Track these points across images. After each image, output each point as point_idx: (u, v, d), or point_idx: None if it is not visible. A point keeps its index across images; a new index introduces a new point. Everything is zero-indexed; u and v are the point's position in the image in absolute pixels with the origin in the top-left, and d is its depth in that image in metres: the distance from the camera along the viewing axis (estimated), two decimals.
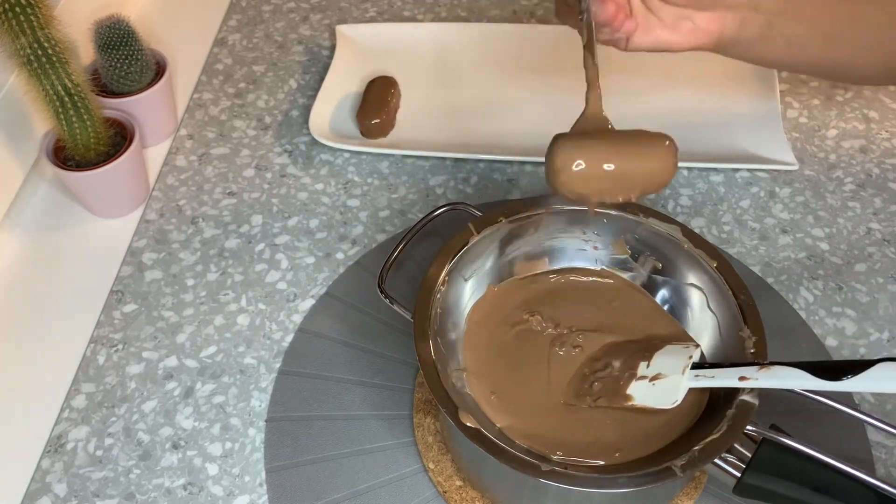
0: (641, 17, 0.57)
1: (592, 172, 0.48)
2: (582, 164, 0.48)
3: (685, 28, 0.58)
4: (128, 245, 0.71)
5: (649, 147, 0.49)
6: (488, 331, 0.57)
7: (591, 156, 0.48)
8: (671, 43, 0.58)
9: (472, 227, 0.57)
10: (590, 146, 0.49)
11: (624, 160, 0.49)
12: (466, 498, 0.55)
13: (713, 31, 0.58)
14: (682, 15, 0.57)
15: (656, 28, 0.58)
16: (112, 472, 0.58)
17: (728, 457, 0.47)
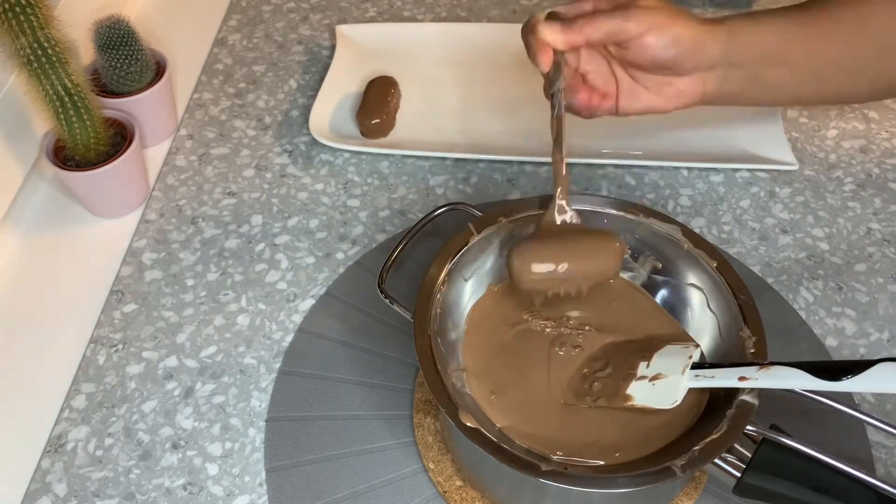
0: (627, 86, 0.60)
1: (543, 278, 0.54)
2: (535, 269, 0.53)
3: (669, 92, 0.60)
4: (128, 245, 0.71)
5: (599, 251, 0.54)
6: (488, 331, 0.57)
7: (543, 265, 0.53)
8: (658, 106, 0.61)
9: (472, 227, 0.57)
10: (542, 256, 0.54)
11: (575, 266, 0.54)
12: (466, 498, 0.55)
13: (696, 92, 0.60)
14: (665, 81, 0.60)
15: (642, 95, 0.60)
16: (112, 472, 0.58)
17: (728, 457, 0.47)
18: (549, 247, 0.54)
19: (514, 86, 0.83)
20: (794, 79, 0.61)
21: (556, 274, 0.53)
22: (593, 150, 0.77)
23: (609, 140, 0.78)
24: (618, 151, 0.77)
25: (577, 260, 0.54)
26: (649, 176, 0.76)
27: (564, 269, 0.53)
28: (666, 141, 0.78)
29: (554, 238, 0.55)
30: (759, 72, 0.60)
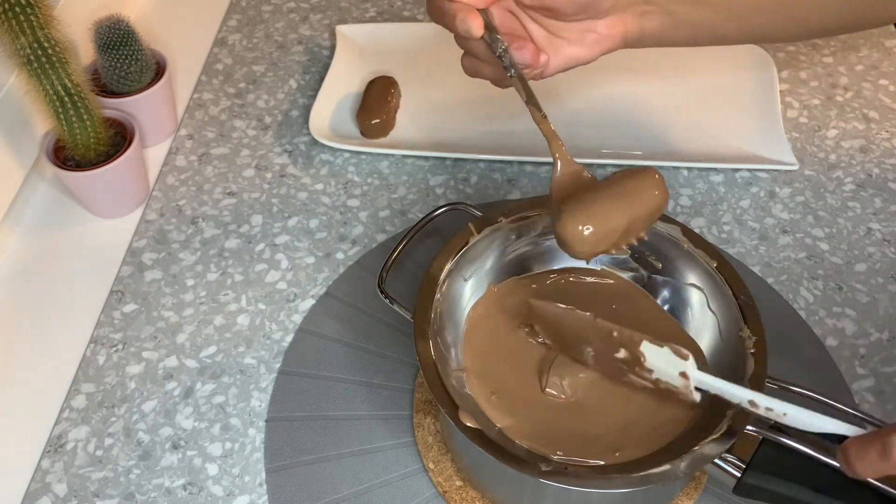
0: (547, 42, 0.57)
1: (604, 233, 0.49)
2: (591, 228, 0.49)
3: (590, 39, 0.58)
4: (128, 245, 0.71)
5: (643, 187, 0.50)
6: (488, 331, 0.57)
7: (599, 220, 0.49)
8: (581, 56, 0.58)
9: (472, 227, 0.57)
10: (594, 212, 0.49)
11: (627, 210, 0.50)
12: (466, 498, 0.55)
13: (616, 34, 0.58)
14: (584, 28, 0.57)
15: (564, 48, 0.58)
16: (112, 472, 0.58)
17: (728, 457, 0.47)
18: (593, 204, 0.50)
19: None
20: (714, 18, 0.59)
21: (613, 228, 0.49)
22: (593, 150, 0.77)
23: (609, 140, 0.78)
24: (618, 151, 0.77)
25: (627, 205, 0.50)
26: None
27: (621, 219, 0.49)
28: (666, 141, 0.78)
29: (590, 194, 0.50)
30: (677, 10, 0.58)
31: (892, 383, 0.62)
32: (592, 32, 0.57)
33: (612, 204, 0.50)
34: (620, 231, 0.50)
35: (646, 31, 0.59)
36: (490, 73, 0.56)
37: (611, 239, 0.50)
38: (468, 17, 0.52)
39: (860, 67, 0.87)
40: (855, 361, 0.63)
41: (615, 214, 0.49)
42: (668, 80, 0.83)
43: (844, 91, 0.84)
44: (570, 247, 0.49)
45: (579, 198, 0.50)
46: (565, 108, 0.81)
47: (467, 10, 0.52)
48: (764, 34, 0.65)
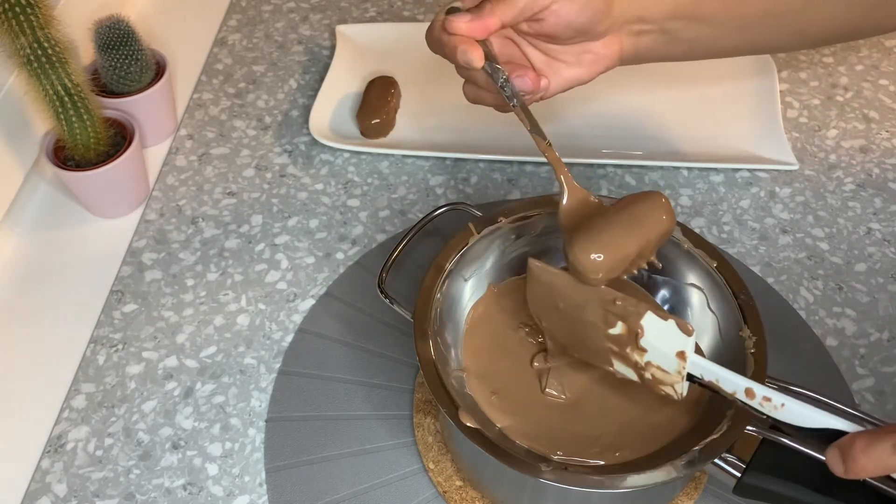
0: (546, 66, 0.58)
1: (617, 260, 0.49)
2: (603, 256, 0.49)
3: (588, 60, 0.59)
4: (128, 245, 0.71)
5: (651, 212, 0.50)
6: (488, 331, 0.57)
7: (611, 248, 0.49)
8: (580, 77, 0.59)
9: (472, 227, 0.57)
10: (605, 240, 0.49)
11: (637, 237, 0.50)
12: (466, 498, 0.55)
13: (613, 53, 0.59)
14: (581, 49, 0.58)
15: (563, 70, 0.59)
16: (112, 472, 0.58)
17: (728, 457, 0.47)
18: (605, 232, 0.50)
19: None
20: (711, 34, 0.60)
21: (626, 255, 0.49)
22: (593, 150, 0.77)
23: (609, 140, 0.78)
24: (618, 151, 0.77)
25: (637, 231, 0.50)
26: (649, 176, 0.76)
27: (632, 246, 0.49)
28: (666, 141, 0.78)
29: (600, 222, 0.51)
30: (672, 27, 0.59)
31: (892, 383, 0.62)
32: (589, 53, 0.58)
33: (622, 231, 0.50)
34: (632, 257, 0.50)
35: (641, 48, 0.60)
36: (492, 100, 0.57)
37: (622, 265, 0.50)
38: (468, 49, 0.53)
39: (860, 67, 0.87)
40: (855, 361, 0.63)
41: (626, 241, 0.49)
42: (669, 80, 0.83)
43: (844, 91, 0.84)
44: (583, 275, 0.49)
45: (589, 226, 0.50)
46: (565, 108, 0.81)
47: (467, 42, 0.53)
48: (760, 46, 0.65)
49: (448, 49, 0.54)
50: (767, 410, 0.45)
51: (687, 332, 0.46)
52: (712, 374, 0.46)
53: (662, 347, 0.47)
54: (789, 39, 0.64)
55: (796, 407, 0.44)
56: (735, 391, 0.46)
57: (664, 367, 0.48)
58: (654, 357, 0.48)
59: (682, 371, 0.47)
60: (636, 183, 0.75)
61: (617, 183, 0.76)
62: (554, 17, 0.55)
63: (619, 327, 0.48)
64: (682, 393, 0.48)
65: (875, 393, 0.61)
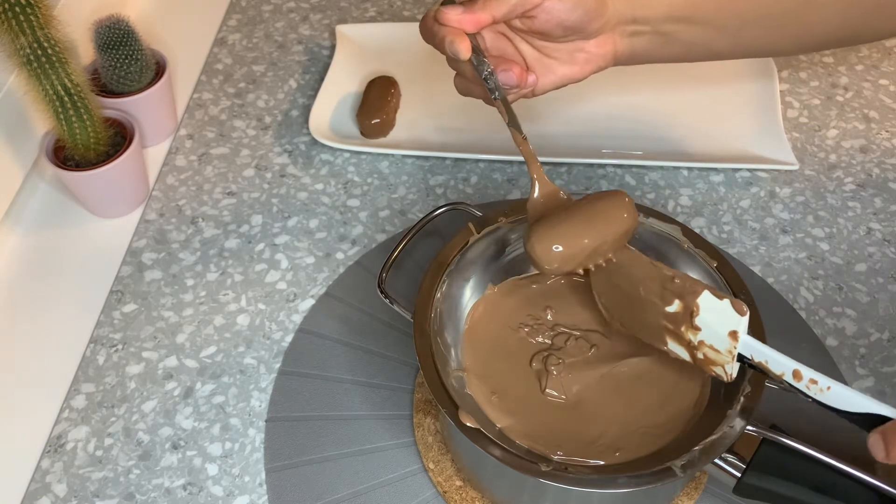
0: (538, 62, 0.59)
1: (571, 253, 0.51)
2: (559, 247, 0.51)
3: (581, 58, 0.59)
4: (128, 245, 0.71)
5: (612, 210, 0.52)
6: (488, 331, 0.57)
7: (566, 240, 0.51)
8: (573, 75, 0.60)
9: (472, 227, 0.57)
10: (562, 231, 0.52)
11: (595, 232, 0.52)
12: (466, 498, 0.55)
13: (607, 53, 0.59)
14: (575, 48, 0.58)
15: (555, 67, 0.59)
16: (112, 472, 0.58)
17: (728, 457, 0.47)
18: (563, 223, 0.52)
19: None
20: (707, 36, 0.60)
21: (582, 248, 0.51)
22: (593, 150, 0.77)
23: (609, 140, 0.78)
24: (618, 151, 0.77)
25: (596, 227, 0.52)
26: (649, 176, 0.76)
27: (588, 241, 0.51)
28: (666, 141, 0.78)
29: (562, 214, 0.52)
30: (668, 29, 0.59)
31: (892, 383, 0.62)
32: (582, 52, 0.59)
33: (580, 225, 0.52)
34: (588, 251, 0.52)
35: (637, 50, 0.60)
36: (480, 92, 0.58)
37: (577, 259, 0.52)
38: (456, 40, 0.53)
39: (860, 67, 0.87)
40: (855, 361, 0.63)
41: (582, 235, 0.51)
42: (669, 80, 0.83)
43: (844, 91, 0.84)
44: (537, 263, 0.52)
45: (549, 218, 0.52)
46: (565, 108, 0.81)
47: (455, 33, 0.54)
48: (757, 50, 0.65)
49: (437, 39, 0.55)
50: (813, 393, 0.45)
51: (741, 311, 0.46)
52: (762, 356, 0.47)
53: (716, 326, 0.47)
54: (786, 43, 0.64)
55: (842, 390, 0.44)
56: (783, 372, 0.46)
57: (717, 346, 0.48)
58: (707, 336, 0.48)
59: (734, 351, 0.47)
60: (636, 183, 0.75)
61: (617, 183, 0.76)
62: (545, 14, 0.55)
63: (676, 305, 0.49)
64: (731, 374, 0.49)
65: (875, 393, 0.61)
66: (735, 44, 0.62)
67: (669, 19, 0.59)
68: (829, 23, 0.62)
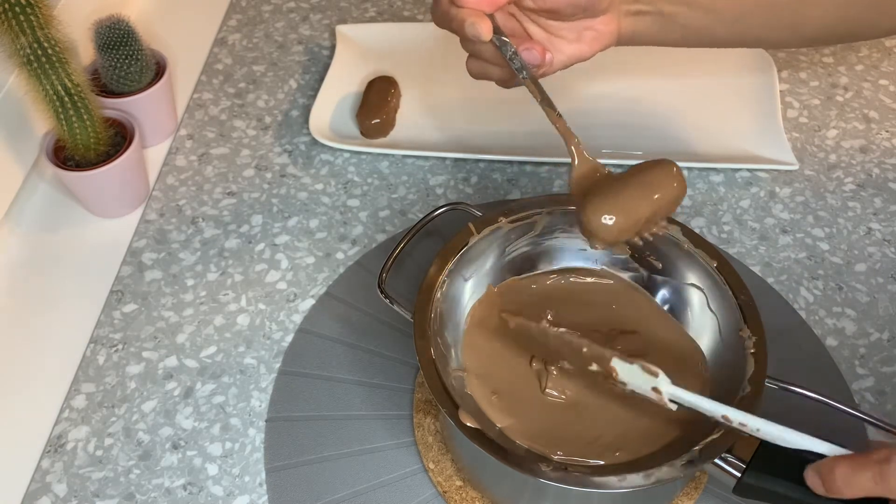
0: (547, 42, 0.59)
1: (629, 223, 0.51)
2: (615, 218, 0.51)
3: (588, 36, 0.59)
4: (128, 245, 0.71)
5: (663, 178, 0.52)
6: (488, 331, 0.57)
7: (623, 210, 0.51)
8: (581, 54, 0.60)
9: (472, 227, 0.57)
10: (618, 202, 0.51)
11: (650, 200, 0.51)
12: (466, 498, 0.55)
13: (612, 31, 0.60)
14: (582, 26, 0.59)
15: (564, 46, 0.59)
16: (112, 472, 0.58)
17: (728, 457, 0.47)
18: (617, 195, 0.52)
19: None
20: (704, 21, 0.60)
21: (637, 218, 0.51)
22: (593, 150, 0.77)
23: (609, 140, 0.78)
24: (618, 151, 0.77)
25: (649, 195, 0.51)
26: None
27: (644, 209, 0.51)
28: (666, 141, 0.78)
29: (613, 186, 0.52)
30: (671, 12, 0.59)
31: (892, 383, 0.62)
32: (590, 30, 0.59)
33: (634, 195, 0.51)
34: (643, 220, 0.52)
35: (638, 30, 0.60)
36: (497, 74, 0.58)
37: (634, 229, 0.52)
38: (477, 21, 0.53)
39: (860, 67, 0.87)
40: (855, 361, 0.63)
41: (638, 205, 0.51)
42: (669, 80, 0.83)
43: (844, 91, 0.84)
44: (594, 235, 0.51)
45: (601, 191, 0.52)
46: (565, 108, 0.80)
47: (476, 14, 0.53)
48: (753, 39, 0.66)
49: (456, 22, 0.54)
50: (747, 433, 0.45)
51: (652, 374, 0.47)
52: (690, 404, 0.47)
53: (638, 383, 0.48)
54: (783, 34, 0.64)
55: (773, 430, 0.44)
56: (714, 417, 0.46)
57: (648, 397, 0.48)
58: (635, 388, 0.48)
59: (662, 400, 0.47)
60: None
61: None
62: None
63: (595, 367, 0.50)
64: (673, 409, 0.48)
65: (875, 393, 0.61)
66: (733, 31, 0.63)
67: (670, 2, 0.59)
68: (827, 16, 0.62)
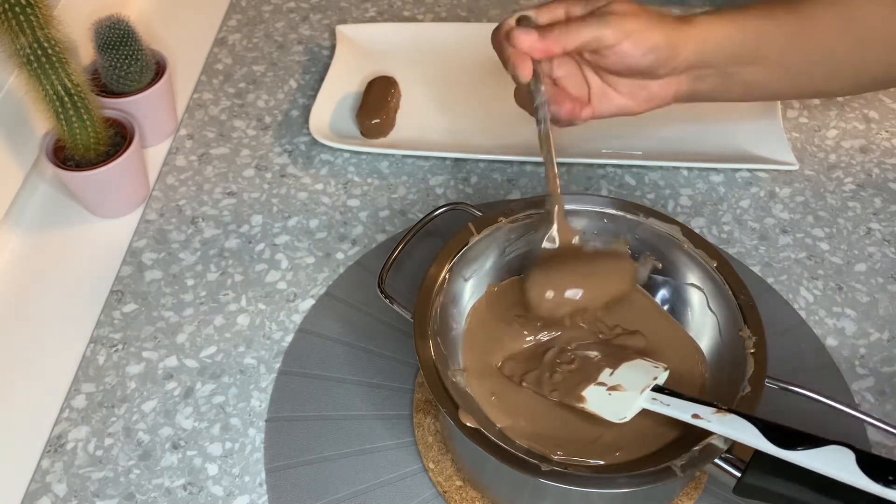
0: (601, 91, 0.60)
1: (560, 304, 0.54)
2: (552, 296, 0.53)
3: (642, 96, 0.60)
4: (128, 245, 0.71)
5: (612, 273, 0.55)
6: (488, 331, 0.57)
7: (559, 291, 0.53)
8: (630, 109, 0.61)
9: (472, 227, 0.57)
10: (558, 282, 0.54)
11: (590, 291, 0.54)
12: (466, 498, 0.55)
13: (669, 94, 0.60)
14: (638, 85, 0.59)
15: (614, 98, 0.60)
16: (112, 472, 0.58)
17: (728, 457, 0.47)
18: (562, 273, 0.54)
19: (514, 86, 0.83)
20: (769, 77, 0.61)
21: (571, 303, 0.54)
22: (593, 150, 0.77)
23: (609, 140, 0.78)
24: (618, 151, 0.77)
25: (590, 285, 0.54)
26: (649, 176, 0.76)
27: (580, 297, 0.53)
28: (666, 141, 0.78)
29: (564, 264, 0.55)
30: (732, 71, 0.59)
31: (892, 383, 0.62)
32: (645, 90, 0.59)
33: (577, 280, 0.54)
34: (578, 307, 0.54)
35: (698, 91, 0.61)
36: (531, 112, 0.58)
37: (565, 310, 0.54)
38: (519, 64, 0.55)
39: None
40: (855, 361, 0.63)
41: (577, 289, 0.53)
42: None
43: None
44: (530, 307, 0.54)
45: (551, 265, 0.54)
46: None
47: (521, 57, 0.55)
48: (814, 90, 0.66)
49: (503, 56, 0.56)
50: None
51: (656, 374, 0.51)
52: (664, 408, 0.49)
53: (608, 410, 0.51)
54: (843, 84, 0.65)
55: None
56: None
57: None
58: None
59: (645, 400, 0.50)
60: (636, 183, 0.75)
61: (617, 183, 0.76)
62: (616, 56, 0.56)
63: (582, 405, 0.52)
64: None
65: (875, 393, 0.61)
66: (794, 84, 0.63)
67: (735, 62, 0.59)
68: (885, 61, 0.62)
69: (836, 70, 0.62)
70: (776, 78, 0.61)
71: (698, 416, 0.47)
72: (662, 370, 0.51)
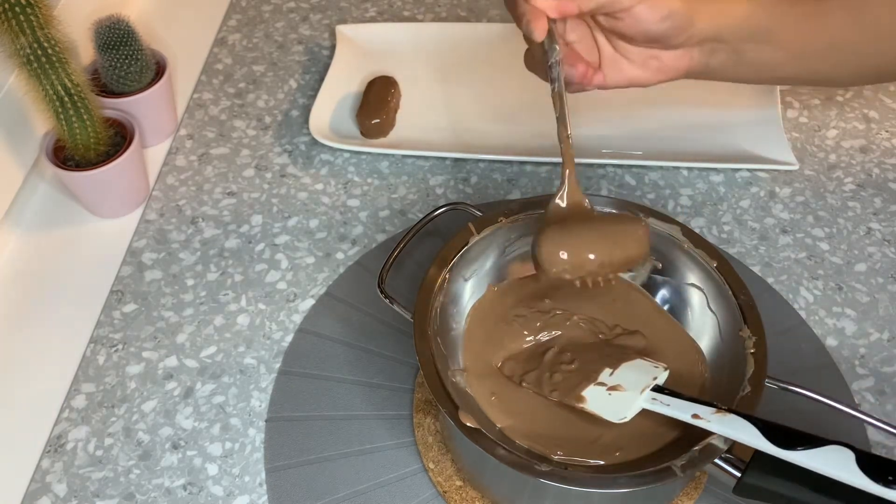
0: (612, 59, 0.59)
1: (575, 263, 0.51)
2: (566, 255, 0.51)
3: (653, 66, 0.59)
4: (128, 245, 0.71)
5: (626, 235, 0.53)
6: (488, 331, 0.57)
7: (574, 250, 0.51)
8: (641, 80, 0.60)
9: (472, 227, 0.57)
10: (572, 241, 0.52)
11: (603, 252, 0.52)
12: (466, 498, 0.55)
13: (681, 66, 0.60)
14: (650, 54, 0.59)
15: (625, 67, 0.59)
16: (112, 472, 0.58)
17: (728, 457, 0.47)
18: (575, 233, 0.52)
19: (514, 86, 0.83)
20: (778, 58, 0.61)
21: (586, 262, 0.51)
22: (593, 150, 0.77)
23: (609, 140, 0.78)
24: (618, 151, 0.77)
25: (605, 247, 0.52)
26: (649, 176, 0.76)
27: (593, 258, 0.51)
28: (666, 141, 0.78)
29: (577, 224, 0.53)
30: (744, 49, 0.59)
31: (892, 383, 0.62)
32: (656, 60, 0.59)
33: (592, 241, 0.52)
34: (591, 267, 0.52)
35: (711, 66, 0.60)
36: (542, 74, 0.57)
37: (578, 271, 0.52)
38: (534, 20, 0.53)
39: None
40: (855, 361, 0.63)
41: (590, 250, 0.51)
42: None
43: (844, 91, 0.84)
44: (540, 265, 0.52)
45: (565, 225, 0.52)
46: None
47: (536, 14, 0.53)
48: (819, 77, 0.66)
49: (518, 13, 0.54)
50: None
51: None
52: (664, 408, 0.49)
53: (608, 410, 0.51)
54: (847, 73, 0.65)
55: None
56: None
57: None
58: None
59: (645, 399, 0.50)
60: (636, 183, 0.75)
61: (617, 183, 0.76)
62: (632, 19, 0.55)
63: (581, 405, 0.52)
64: None
65: (875, 393, 0.61)
66: (802, 68, 0.63)
67: (748, 39, 0.59)
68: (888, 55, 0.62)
69: (845, 59, 0.62)
70: (785, 60, 0.61)
71: (698, 416, 0.47)
72: (662, 370, 0.51)
